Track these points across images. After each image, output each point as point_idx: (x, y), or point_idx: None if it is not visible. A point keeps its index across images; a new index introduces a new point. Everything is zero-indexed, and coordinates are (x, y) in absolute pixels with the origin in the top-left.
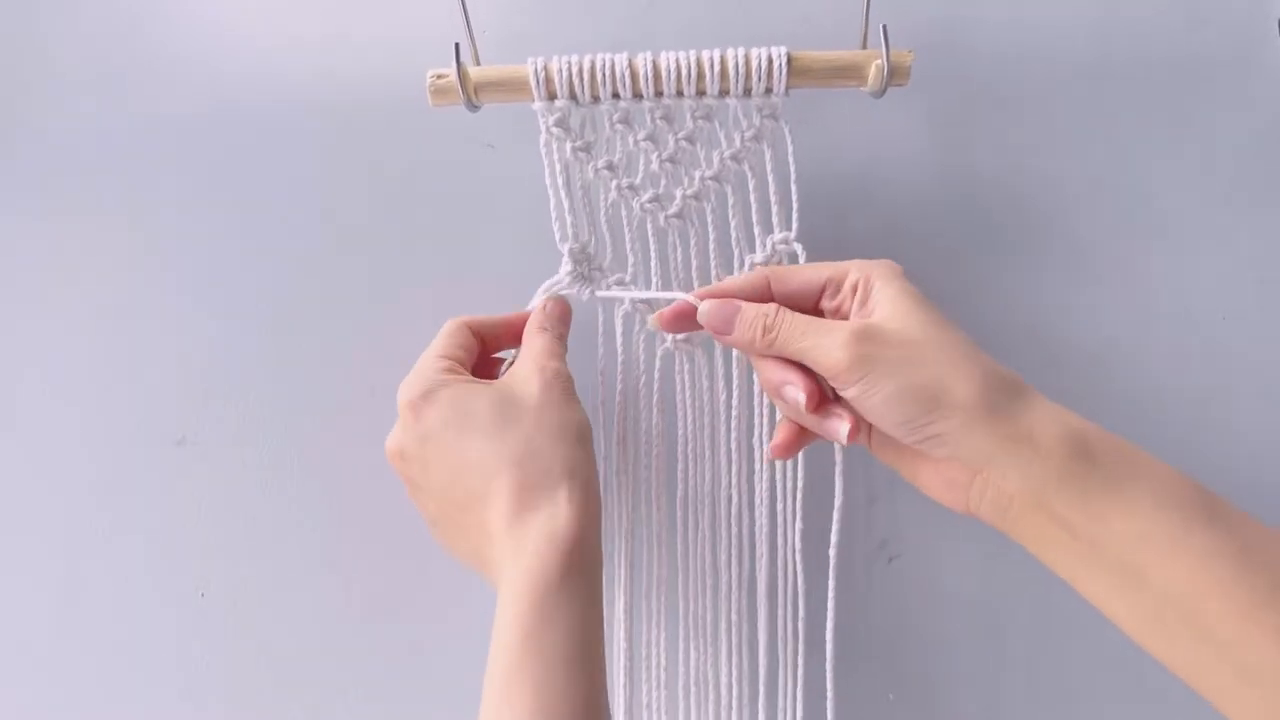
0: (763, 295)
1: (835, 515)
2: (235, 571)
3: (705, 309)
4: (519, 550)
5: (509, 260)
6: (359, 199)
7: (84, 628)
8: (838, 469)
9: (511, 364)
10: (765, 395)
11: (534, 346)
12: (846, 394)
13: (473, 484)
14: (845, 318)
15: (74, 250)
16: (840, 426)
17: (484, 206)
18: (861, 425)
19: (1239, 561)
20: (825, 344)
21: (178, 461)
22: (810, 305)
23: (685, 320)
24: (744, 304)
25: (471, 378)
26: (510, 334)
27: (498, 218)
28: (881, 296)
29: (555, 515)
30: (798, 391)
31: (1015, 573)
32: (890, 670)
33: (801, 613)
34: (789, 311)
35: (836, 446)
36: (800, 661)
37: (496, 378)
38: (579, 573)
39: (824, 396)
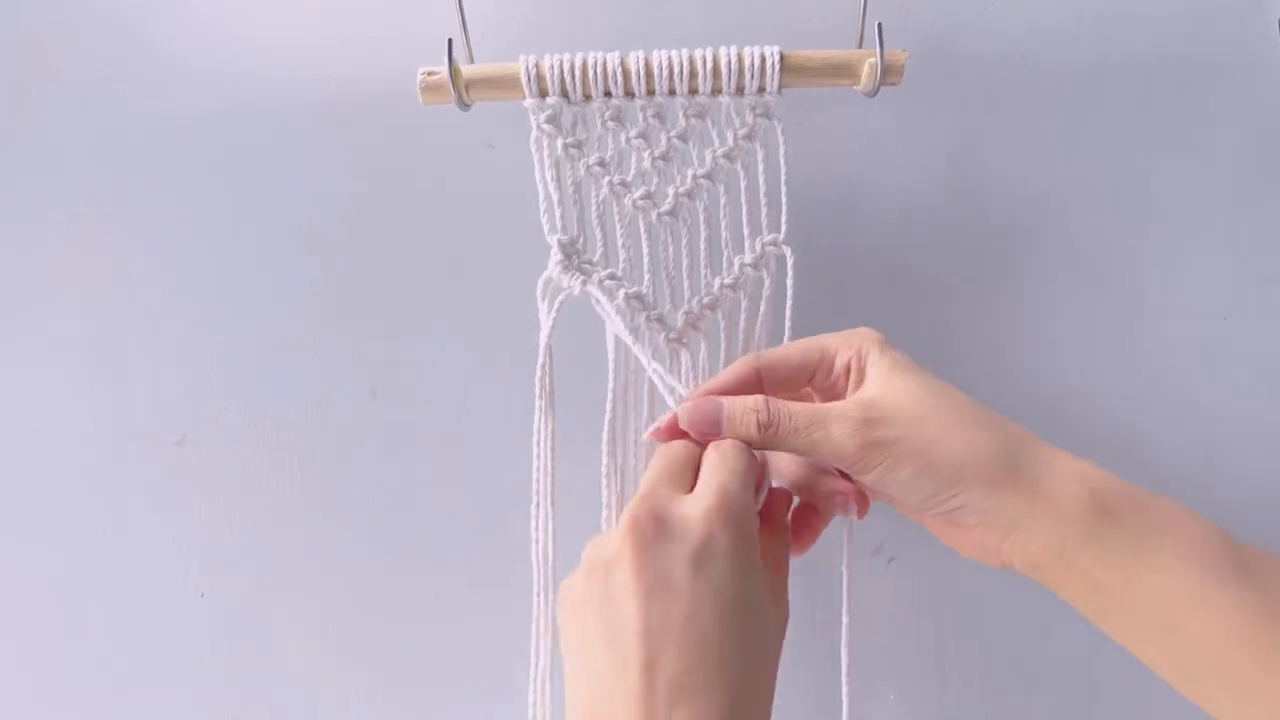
0: (755, 385)
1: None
2: (235, 571)
3: (684, 412)
4: None
5: (509, 260)
6: (359, 199)
7: (84, 627)
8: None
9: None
10: None
11: (787, 551)
12: (865, 480)
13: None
14: (839, 396)
15: (74, 250)
16: (852, 508)
17: (484, 206)
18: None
19: (1266, 613)
20: (835, 434)
21: (178, 461)
22: (801, 386)
23: (678, 431)
24: (727, 401)
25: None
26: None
27: (498, 217)
28: (876, 372)
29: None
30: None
31: (1014, 573)
32: (890, 670)
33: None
34: (783, 404)
35: None
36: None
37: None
38: None
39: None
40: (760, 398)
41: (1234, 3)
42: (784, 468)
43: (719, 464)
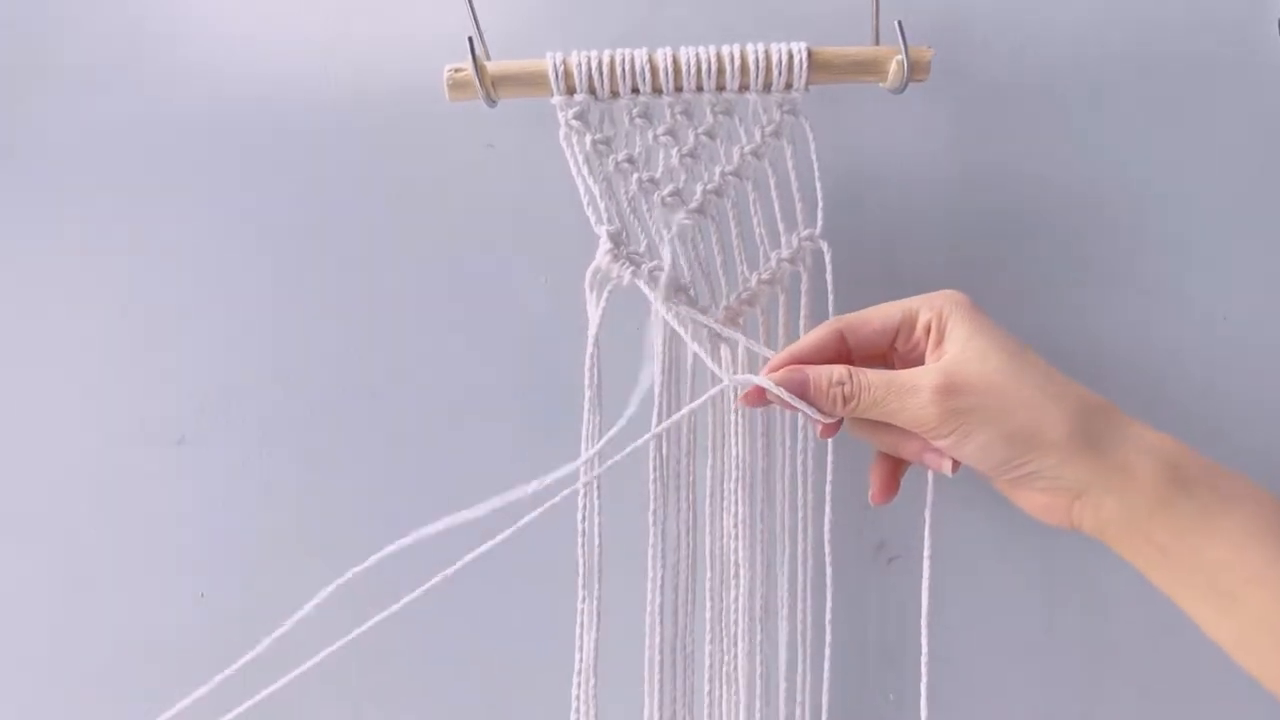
0: (838, 347)
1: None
2: (235, 571)
3: (779, 379)
4: None
5: (510, 260)
6: (359, 199)
7: (84, 627)
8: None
9: None
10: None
11: None
12: (940, 445)
13: None
14: (920, 359)
15: (74, 250)
16: (946, 463)
17: (484, 206)
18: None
19: None
20: (911, 405)
21: (178, 461)
22: (885, 348)
23: (766, 398)
24: (812, 371)
25: None
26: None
27: (498, 217)
28: (956, 336)
29: None
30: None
31: (1014, 573)
32: (890, 670)
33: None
34: (864, 373)
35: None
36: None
37: None
38: None
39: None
40: (844, 369)
41: (1234, 3)
42: (872, 428)
43: None
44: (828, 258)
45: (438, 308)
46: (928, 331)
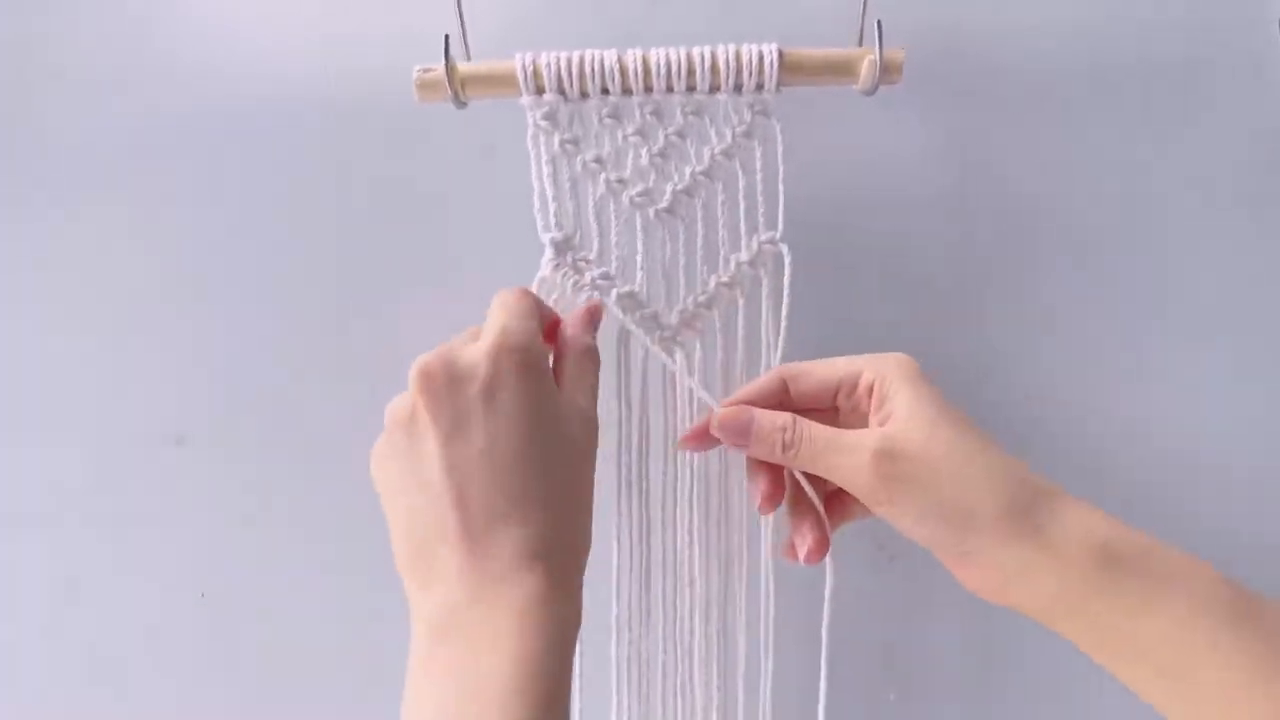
0: (781, 396)
1: None
2: (235, 571)
3: (718, 421)
4: (538, 633)
5: (509, 260)
6: (359, 199)
7: (84, 627)
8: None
9: None
10: None
11: (581, 385)
12: (878, 512)
13: (500, 533)
14: (863, 419)
15: (74, 250)
16: (801, 546)
17: (484, 206)
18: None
19: (1273, 662)
20: (848, 464)
21: (178, 461)
22: (827, 403)
23: (708, 438)
24: (758, 414)
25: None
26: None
27: (498, 218)
28: (898, 402)
29: (576, 600)
30: (754, 488)
31: None
32: (890, 670)
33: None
34: (808, 424)
35: None
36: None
37: None
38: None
39: (799, 500)
40: (788, 416)
41: (1234, 3)
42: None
43: (498, 308)
44: (787, 261)
45: (438, 308)
46: (869, 392)
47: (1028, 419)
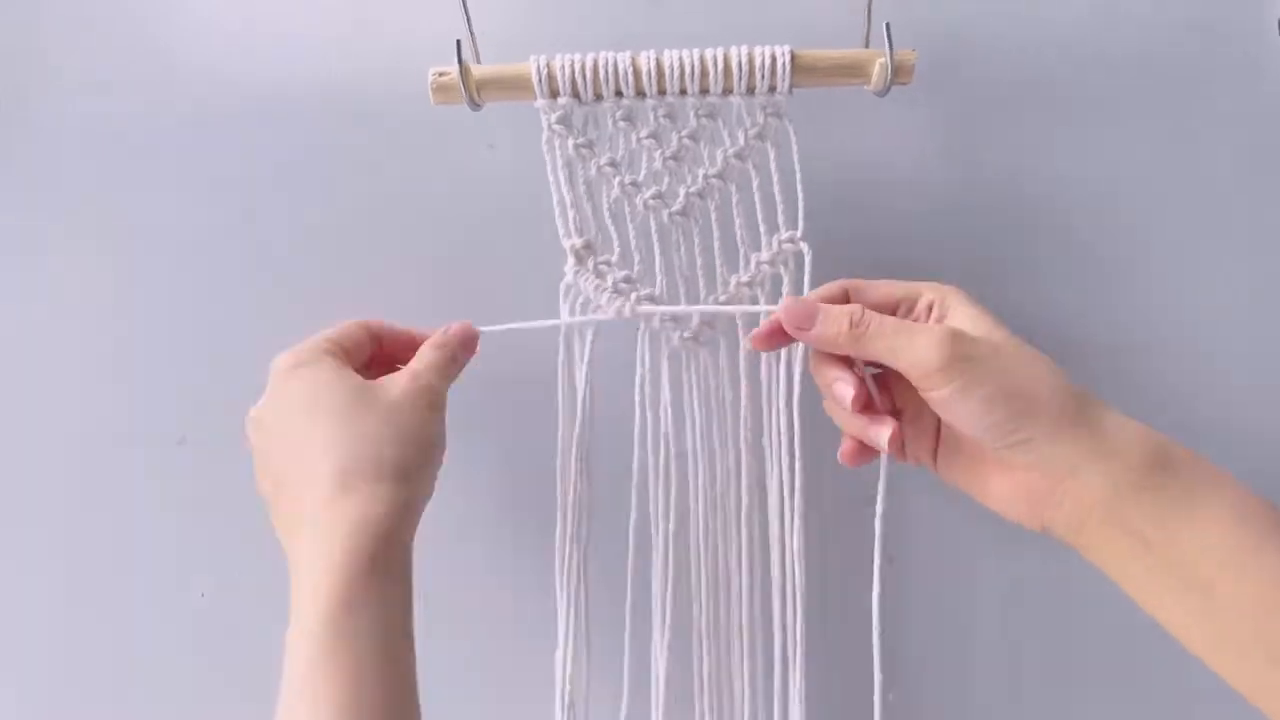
0: (841, 301)
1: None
2: (235, 571)
3: (786, 304)
4: (330, 533)
5: (509, 261)
6: (360, 199)
7: (84, 627)
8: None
9: None
10: (776, 395)
11: (420, 359)
12: (937, 394)
13: (306, 462)
14: None
15: (74, 249)
16: (882, 432)
17: (484, 207)
18: (919, 446)
19: None
20: (918, 343)
21: (178, 461)
22: (887, 313)
23: (780, 335)
24: (824, 304)
25: (344, 365)
26: (411, 348)
27: (498, 218)
28: (959, 313)
29: (372, 504)
30: (846, 388)
31: (1014, 572)
32: (890, 670)
33: (800, 614)
34: (876, 313)
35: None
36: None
37: None
38: (386, 567)
39: (870, 401)
40: (857, 305)
41: (1234, 3)
42: (833, 409)
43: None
44: (808, 260)
45: (439, 308)
46: (929, 310)
47: None
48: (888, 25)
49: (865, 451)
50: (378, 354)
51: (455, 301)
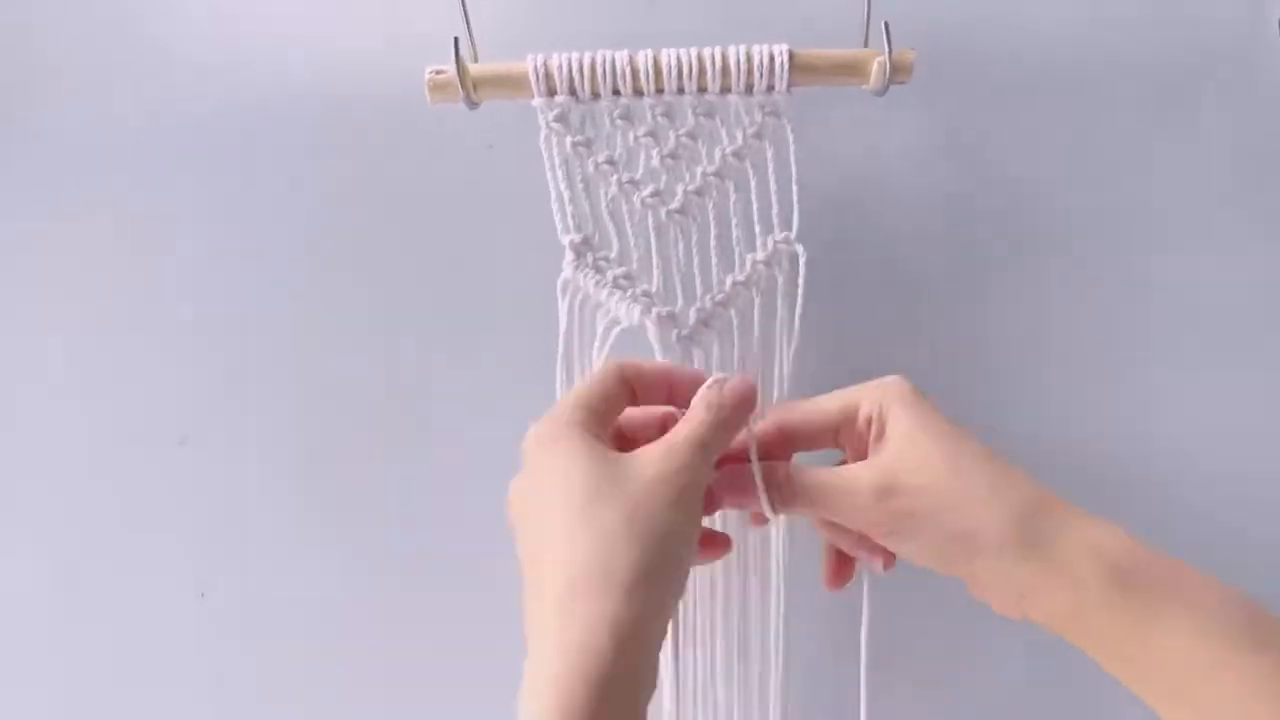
0: (780, 443)
1: None
2: (235, 571)
3: (720, 479)
4: (553, 653)
5: (509, 261)
6: (360, 199)
7: (84, 627)
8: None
9: None
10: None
11: (685, 427)
12: (881, 543)
13: (547, 556)
14: (864, 448)
15: (74, 250)
16: (876, 564)
17: (484, 207)
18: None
19: None
20: (849, 504)
21: (178, 461)
22: (828, 441)
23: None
24: (757, 470)
25: (595, 438)
26: (665, 388)
27: (497, 218)
28: (897, 431)
29: (595, 625)
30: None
31: None
32: (890, 670)
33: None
34: (807, 472)
35: None
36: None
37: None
38: (606, 691)
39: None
40: (787, 469)
41: (1234, 3)
42: (822, 527)
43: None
44: (801, 260)
45: (439, 308)
46: (869, 424)
47: (1029, 417)
48: (886, 24)
49: (844, 571)
50: (632, 399)
51: (454, 300)
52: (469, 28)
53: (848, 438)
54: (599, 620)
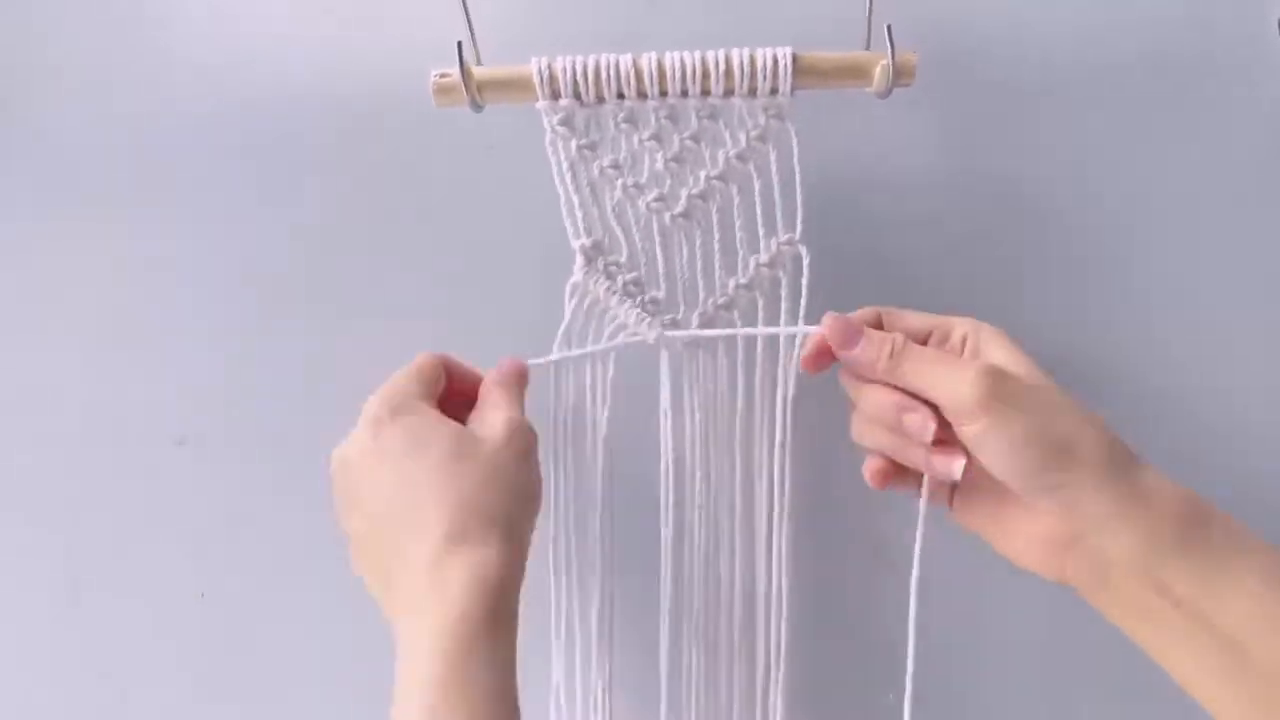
0: (874, 327)
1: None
2: (235, 571)
3: (830, 320)
4: (443, 586)
5: (510, 262)
6: (359, 200)
7: (84, 628)
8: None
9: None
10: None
11: (499, 399)
12: (970, 430)
13: (408, 512)
14: None
15: (74, 250)
16: (956, 463)
17: (484, 208)
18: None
19: None
20: (956, 376)
21: (178, 461)
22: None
23: (827, 355)
24: (869, 328)
25: (438, 412)
26: (469, 381)
27: (497, 219)
28: (994, 351)
29: (486, 561)
30: (926, 420)
31: (1014, 573)
32: (890, 670)
33: (786, 615)
34: (914, 343)
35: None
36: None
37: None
38: (503, 620)
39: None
40: (898, 334)
41: (1234, 3)
42: (879, 437)
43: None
44: (805, 263)
45: (439, 309)
46: (963, 343)
47: None
48: (889, 27)
49: (899, 475)
50: (447, 388)
51: (455, 303)
52: (471, 30)
53: (938, 347)
54: (482, 564)
